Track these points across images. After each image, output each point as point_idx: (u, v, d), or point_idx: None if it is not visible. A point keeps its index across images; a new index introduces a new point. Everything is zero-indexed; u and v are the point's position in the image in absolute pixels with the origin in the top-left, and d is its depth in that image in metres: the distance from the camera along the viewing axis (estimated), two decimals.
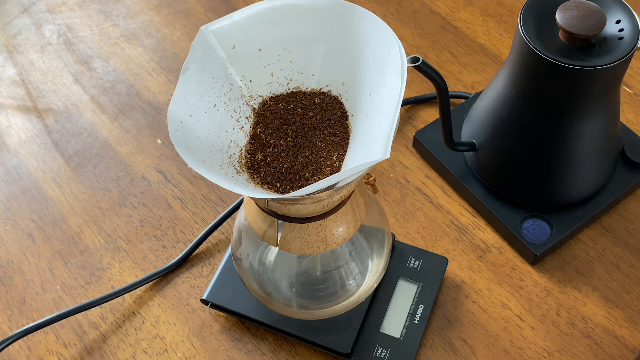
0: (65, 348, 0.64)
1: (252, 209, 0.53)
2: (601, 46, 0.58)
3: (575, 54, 0.58)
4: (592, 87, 0.59)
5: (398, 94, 0.43)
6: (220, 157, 0.47)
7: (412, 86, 0.80)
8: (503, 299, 0.65)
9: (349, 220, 0.52)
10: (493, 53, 0.83)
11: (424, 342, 0.63)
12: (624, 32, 0.59)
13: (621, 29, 0.59)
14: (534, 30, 0.59)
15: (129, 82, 0.83)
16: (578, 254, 0.67)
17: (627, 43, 0.58)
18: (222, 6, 0.90)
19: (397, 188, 0.72)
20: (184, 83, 0.47)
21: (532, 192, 0.68)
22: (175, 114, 0.46)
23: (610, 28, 0.59)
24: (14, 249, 0.70)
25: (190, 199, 0.73)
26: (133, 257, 0.69)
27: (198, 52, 0.48)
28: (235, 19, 0.49)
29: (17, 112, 0.81)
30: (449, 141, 0.67)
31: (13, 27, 0.89)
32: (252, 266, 0.60)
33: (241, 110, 0.50)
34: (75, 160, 0.76)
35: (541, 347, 0.62)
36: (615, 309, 0.64)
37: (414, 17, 0.87)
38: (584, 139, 0.64)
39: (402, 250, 0.66)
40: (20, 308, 0.66)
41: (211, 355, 0.63)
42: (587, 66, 0.57)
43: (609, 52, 0.58)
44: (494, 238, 0.69)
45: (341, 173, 0.42)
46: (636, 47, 0.58)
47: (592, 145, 0.65)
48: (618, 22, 0.59)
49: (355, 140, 0.47)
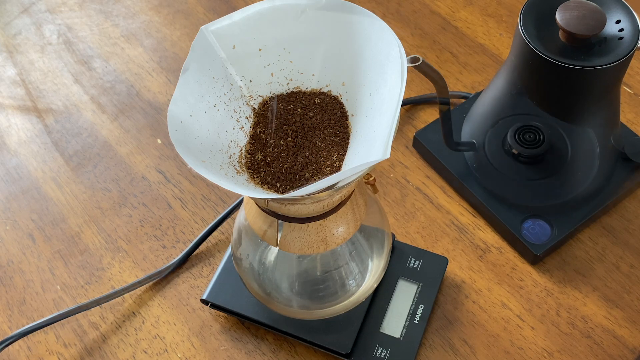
0: (65, 348, 0.64)
1: (252, 209, 0.53)
2: (601, 46, 0.58)
3: (575, 54, 0.58)
4: (592, 87, 0.59)
5: (398, 94, 0.43)
6: (220, 157, 0.47)
7: (412, 86, 0.80)
8: (503, 299, 0.65)
9: (349, 220, 0.52)
10: (493, 53, 0.83)
11: (424, 342, 0.63)
12: (624, 32, 0.59)
13: (621, 29, 0.59)
14: (534, 30, 0.59)
15: (129, 82, 0.83)
16: (578, 254, 0.67)
17: (627, 43, 0.58)
18: (222, 6, 0.90)
19: (397, 188, 0.72)
20: (184, 83, 0.47)
21: (533, 192, 0.68)
22: (175, 114, 0.46)
23: (610, 28, 0.59)
24: (14, 249, 0.70)
25: (190, 199, 0.73)
26: (133, 257, 0.69)
27: (198, 52, 0.48)
28: (235, 19, 0.49)
29: (17, 112, 0.81)
30: (449, 141, 0.67)
31: (13, 27, 0.89)
32: (252, 266, 0.60)
33: (241, 110, 0.50)
34: (75, 160, 0.76)
35: (541, 347, 0.62)
36: (615, 309, 0.64)
37: (414, 17, 0.87)
38: (584, 138, 0.64)
39: (402, 250, 0.66)
40: (20, 308, 0.66)
41: (211, 355, 0.63)
42: (587, 66, 0.57)
43: (609, 52, 0.58)
44: (494, 238, 0.69)
45: (341, 173, 0.42)
46: (636, 47, 0.58)
47: (592, 145, 0.65)
48: (618, 22, 0.59)
49: (355, 140, 0.47)
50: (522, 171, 0.70)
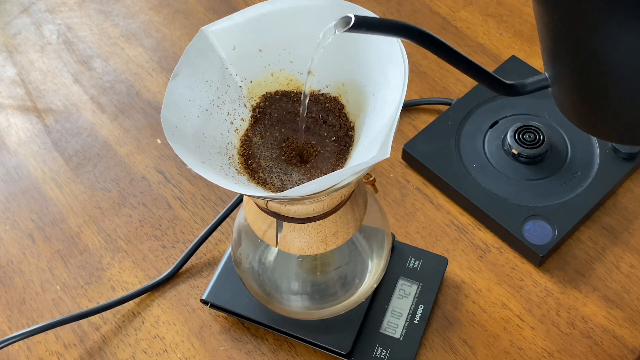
0: (65, 348, 0.64)
1: (251, 209, 0.53)
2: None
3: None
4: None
5: (400, 94, 0.43)
6: (219, 158, 0.47)
7: (412, 86, 0.80)
8: (503, 299, 0.65)
9: (349, 220, 0.52)
10: (493, 53, 0.83)
11: (424, 342, 0.63)
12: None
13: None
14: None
15: (129, 82, 0.83)
16: (578, 254, 0.67)
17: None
18: (222, 6, 0.90)
19: (397, 188, 0.72)
20: (172, 89, 0.47)
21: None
22: (168, 119, 0.46)
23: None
24: (14, 249, 0.70)
25: (190, 199, 0.73)
26: (133, 257, 0.69)
27: (192, 55, 0.48)
28: (235, 20, 0.49)
29: (17, 112, 0.81)
30: (497, 85, 0.47)
31: (13, 27, 0.89)
32: (252, 266, 0.60)
33: (236, 113, 0.50)
34: (75, 160, 0.76)
35: (541, 347, 0.62)
36: (615, 309, 0.64)
37: (414, 17, 0.87)
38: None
39: (402, 250, 0.66)
40: (20, 308, 0.66)
41: (211, 356, 0.63)
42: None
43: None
44: (494, 238, 0.68)
45: (341, 173, 0.42)
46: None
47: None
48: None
49: (356, 140, 0.47)
50: (522, 171, 0.70)
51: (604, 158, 0.70)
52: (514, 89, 0.46)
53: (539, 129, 0.70)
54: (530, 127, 0.70)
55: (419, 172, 0.73)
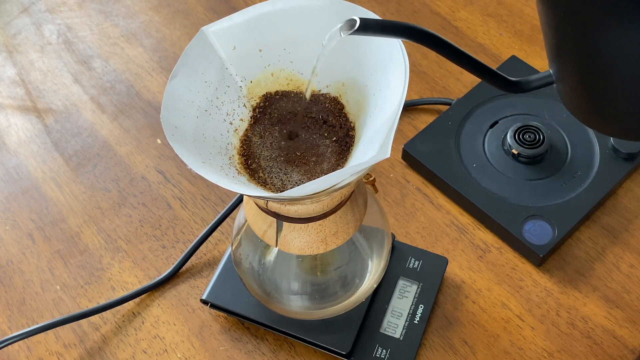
0: (65, 348, 0.64)
1: (251, 209, 0.53)
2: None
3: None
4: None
5: (400, 94, 0.43)
6: (220, 158, 0.47)
7: (412, 86, 0.80)
8: (503, 299, 0.65)
9: (349, 220, 0.52)
10: (493, 53, 0.83)
11: (423, 342, 0.63)
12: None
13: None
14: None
15: (129, 82, 0.83)
16: (578, 254, 0.67)
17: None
18: (222, 6, 0.90)
19: (397, 188, 0.72)
20: (171, 90, 0.47)
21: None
22: (167, 120, 0.46)
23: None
24: (14, 249, 0.70)
25: (190, 199, 0.73)
26: (133, 257, 0.69)
27: (191, 56, 0.48)
28: (235, 20, 0.49)
29: (17, 112, 0.81)
30: (502, 82, 0.47)
31: (13, 27, 0.89)
32: (252, 266, 0.60)
33: (235, 113, 0.50)
34: (75, 160, 0.76)
35: (541, 347, 0.62)
36: (615, 309, 0.64)
37: (414, 17, 0.87)
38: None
39: (402, 250, 0.66)
40: (20, 308, 0.66)
41: (211, 356, 0.63)
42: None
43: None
44: (494, 238, 0.68)
45: (341, 173, 0.42)
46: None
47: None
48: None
49: (356, 141, 0.47)
50: (522, 171, 0.70)
51: (604, 158, 0.70)
52: (519, 85, 0.47)
53: (539, 129, 0.70)
54: (530, 127, 0.70)
55: (419, 172, 0.73)
